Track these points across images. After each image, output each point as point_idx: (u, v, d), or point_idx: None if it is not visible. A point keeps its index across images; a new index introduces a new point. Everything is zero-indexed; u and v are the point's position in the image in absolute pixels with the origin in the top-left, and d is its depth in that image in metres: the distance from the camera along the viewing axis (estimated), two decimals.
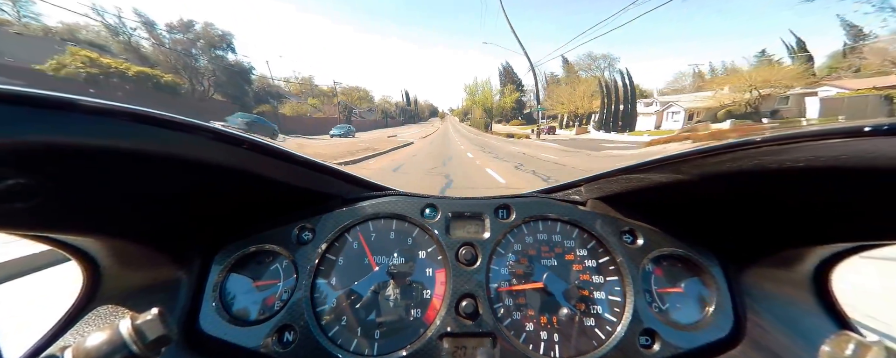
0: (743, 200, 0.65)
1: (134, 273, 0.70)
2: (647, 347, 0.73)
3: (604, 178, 0.83)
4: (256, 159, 0.65)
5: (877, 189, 0.44)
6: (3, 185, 0.41)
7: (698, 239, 0.82)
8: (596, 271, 0.81)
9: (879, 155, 0.37)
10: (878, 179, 0.41)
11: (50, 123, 0.38)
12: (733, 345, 0.74)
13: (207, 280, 0.75)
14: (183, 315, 0.70)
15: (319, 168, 0.79)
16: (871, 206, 0.49)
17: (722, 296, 0.78)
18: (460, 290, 0.76)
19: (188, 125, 0.51)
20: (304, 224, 0.81)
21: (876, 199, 0.46)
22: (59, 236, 0.61)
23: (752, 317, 0.74)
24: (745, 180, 0.55)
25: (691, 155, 0.59)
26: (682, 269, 0.83)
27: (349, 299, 0.75)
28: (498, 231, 0.82)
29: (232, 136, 0.58)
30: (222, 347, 0.70)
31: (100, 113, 0.42)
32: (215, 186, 0.67)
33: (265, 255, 0.80)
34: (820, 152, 0.42)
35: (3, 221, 0.49)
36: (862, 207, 0.50)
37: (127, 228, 0.63)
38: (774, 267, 0.75)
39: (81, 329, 0.63)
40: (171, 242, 0.71)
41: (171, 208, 0.67)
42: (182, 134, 0.51)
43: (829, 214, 0.56)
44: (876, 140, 0.38)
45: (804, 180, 0.48)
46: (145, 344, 0.41)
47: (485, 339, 0.72)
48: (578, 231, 0.85)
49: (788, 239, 0.68)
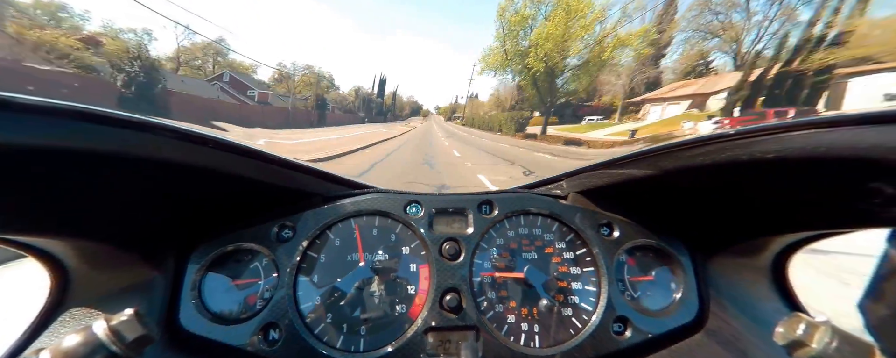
0: (715, 192, 0.69)
1: (105, 274, 0.68)
2: (619, 333, 0.78)
3: (584, 172, 0.85)
4: (224, 158, 0.63)
5: (839, 178, 0.46)
6: None
7: (670, 230, 0.87)
8: (573, 263, 0.84)
9: (839, 145, 0.40)
10: (841, 168, 0.43)
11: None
12: (697, 329, 0.80)
13: (184, 279, 0.74)
14: (161, 315, 0.69)
15: (294, 167, 0.78)
16: (833, 195, 0.52)
17: (689, 284, 0.83)
18: (444, 284, 0.77)
19: (144, 124, 0.49)
20: (283, 222, 0.80)
21: (837, 188, 0.49)
22: (17, 238, 0.58)
23: (714, 303, 0.80)
24: (718, 172, 0.57)
25: (669, 148, 0.61)
26: (653, 258, 0.87)
27: (333, 296, 0.76)
28: (481, 226, 0.84)
29: (196, 136, 0.56)
30: (208, 346, 0.70)
31: (43, 112, 0.40)
32: (183, 185, 0.65)
33: (243, 253, 0.79)
34: (788, 144, 0.44)
35: None
36: (824, 197, 0.54)
37: (90, 229, 0.61)
38: (738, 255, 0.80)
39: (56, 330, 0.61)
40: (140, 242, 0.69)
41: (136, 209, 0.64)
42: (141, 133, 0.49)
43: (795, 204, 0.60)
44: (839, 131, 0.40)
45: (773, 171, 0.51)
46: (126, 344, 0.41)
47: (468, 332, 0.75)
48: (558, 225, 0.87)
49: (756, 228, 0.72)
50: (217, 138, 0.59)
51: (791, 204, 0.60)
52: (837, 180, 0.48)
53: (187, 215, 0.75)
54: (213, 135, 0.59)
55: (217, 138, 0.59)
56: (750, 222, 0.71)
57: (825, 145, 0.41)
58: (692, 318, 0.80)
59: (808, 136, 0.42)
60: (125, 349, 0.41)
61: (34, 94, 0.38)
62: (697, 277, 0.83)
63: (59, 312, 0.64)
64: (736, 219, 0.73)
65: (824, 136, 0.41)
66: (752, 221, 0.71)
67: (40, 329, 0.61)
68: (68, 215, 0.57)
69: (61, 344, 0.39)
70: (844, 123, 0.40)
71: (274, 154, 0.72)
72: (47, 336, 0.61)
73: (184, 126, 0.55)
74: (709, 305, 0.80)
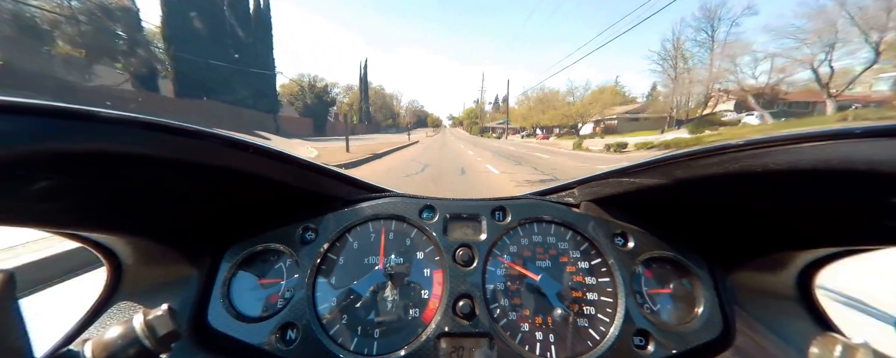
0: (730, 204, 0.67)
1: (152, 270, 0.75)
2: (641, 347, 0.75)
3: (596, 180, 0.85)
4: (262, 162, 0.69)
5: (857, 193, 0.45)
6: (38, 186, 0.45)
7: (687, 242, 0.84)
8: (588, 273, 0.83)
9: (858, 159, 0.38)
10: (859, 182, 0.41)
11: (71, 133, 0.43)
12: (724, 347, 0.76)
13: (216, 277, 0.79)
14: (193, 311, 0.74)
15: (321, 171, 0.83)
16: (853, 210, 0.50)
17: (710, 298, 0.80)
18: (457, 290, 0.78)
19: (198, 133, 0.55)
20: (307, 224, 0.84)
21: (856, 203, 0.48)
22: (86, 234, 0.65)
23: (740, 320, 0.76)
24: (731, 183, 0.56)
25: (680, 157, 0.61)
26: (671, 270, 0.85)
27: (349, 299, 0.78)
28: (494, 233, 0.85)
29: (239, 142, 0.62)
30: (229, 343, 0.73)
31: (116, 123, 0.46)
32: (226, 187, 0.71)
33: (271, 253, 0.83)
34: (802, 155, 0.43)
35: (38, 219, 0.54)
36: (844, 212, 0.52)
37: (147, 226, 0.68)
38: (760, 270, 0.77)
39: (103, 323, 0.67)
40: (187, 240, 0.75)
41: (186, 209, 0.71)
42: (192, 140, 0.56)
43: (813, 219, 0.58)
44: (855, 143, 0.38)
45: (788, 184, 0.49)
46: (156, 339, 0.43)
47: (482, 339, 0.74)
48: (572, 233, 0.87)
49: (773, 243, 0.70)
50: (256, 144, 0.65)
51: (809, 218, 0.58)
52: (855, 195, 0.46)
53: (226, 215, 0.80)
54: (251, 141, 0.65)
55: (256, 144, 0.65)
56: (767, 236, 0.69)
57: (839, 158, 0.39)
58: (717, 334, 0.76)
59: (822, 148, 0.40)
60: (155, 344, 0.43)
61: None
62: (718, 291, 0.80)
63: (110, 304, 0.70)
64: (752, 232, 0.71)
65: (840, 148, 0.39)
66: (770, 236, 0.68)
67: (91, 320, 0.68)
68: (131, 214, 0.64)
69: (104, 336, 0.42)
70: (860, 136, 0.38)
71: (304, 158, 0.77)
72: (96, 327, 0.66)
73: (229, 133, 0.62)
74: (734, 322, 0.76)
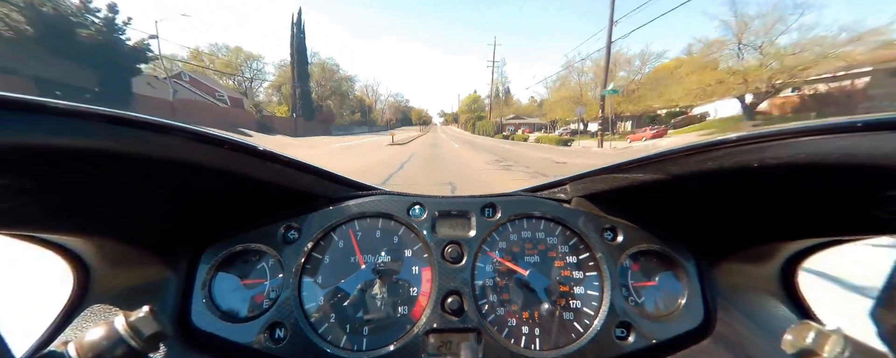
0: (721, 198, 0.68)
1: (123, 272, 0.71)
2: (622, 338, 0.77)
3: (588, 176, 0.85)
4: (239, 159, 0.65)
5: (851, 185, 0.45)
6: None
7: (675, 235, 0.85)
8: (576, 267, 0.84)
9: (859, 152, 0.38)
10: (855, 175, 0.41)
11: (19, 125, 0.38)
12: (703, 336, 0.78)
13: (195, 278, 0.76)
14: (174, 312, 0.72)
15: (303, 168, 0.80)
16: (844, 202, 0.50)
17: (694, 289, 0.82)
18: (446, 287, 0.78)
19: (166, 126, 0.51)
20: (289, 223, 0.81)
21: (849, 195, 0.48)
22: (44, 236, 0.61)
23: (721, 310, 0.78)
24: (726, 178, 0.56)
25: (674, 153, 0.60)
26: (657, 263, 0.86)
27: (337, 297, 0.77)
28: (484, 229, 0.84)
29: (212, 137, 0.58)
30: (217, 343, 0.72)
31: (70, 115, 0.42)
32: (200, 186, 0.67)
33: (252, 254, 0.81)
34: (798, 150, 0.42)
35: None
36: (835, 204, 0.52)
37: (111, 227, 0.64)
38: (746, 261, 0.78)
39: (79, 325, 0.64)
40: (156, 242, 0.72)
41: (155, 208, 0.67)
42: (160, 135, 0.51)
43: (805, 210, 0.58)
44: (853, 137, 0.38)
45: (783, 177, 0.49)
46: (143, 340, 0.43)
47: (469, 334, 0.75)
48: (561, 228, 0.87)
49: (763, 234, 0.71)
50: (232, 140, 0.61)
51: (801, 210, 0.59)
52: (851, 188, 0.46)
53: (200, 216, 0.77)
54: (229, 136, 0.60)
55: (232, 140, 0.61)
56: (757, 228, 0.70)
57: (838, 152, 0.39)
58: (698, 323, 0.79)
59: (820, 142, 0.40)
60: (142, 344, 0.43)
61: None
62: (702, 282, 0.82)
63: (82, 307, 0.67)
64: (743, 224, 0.72)
65: (837, 142, 0.39)
66: (760, 227, 0.69)
67: (65, 323, 0.65)
68: (91, 214, 0.59)
69: (85, 338, 0.42)
70: (859, 129, 0.37)
71: (285, 155, 0.73)
72: (71, 330, 0.64)
73: (201, 129, 0.57)
74: (715, 311, 0.79)
